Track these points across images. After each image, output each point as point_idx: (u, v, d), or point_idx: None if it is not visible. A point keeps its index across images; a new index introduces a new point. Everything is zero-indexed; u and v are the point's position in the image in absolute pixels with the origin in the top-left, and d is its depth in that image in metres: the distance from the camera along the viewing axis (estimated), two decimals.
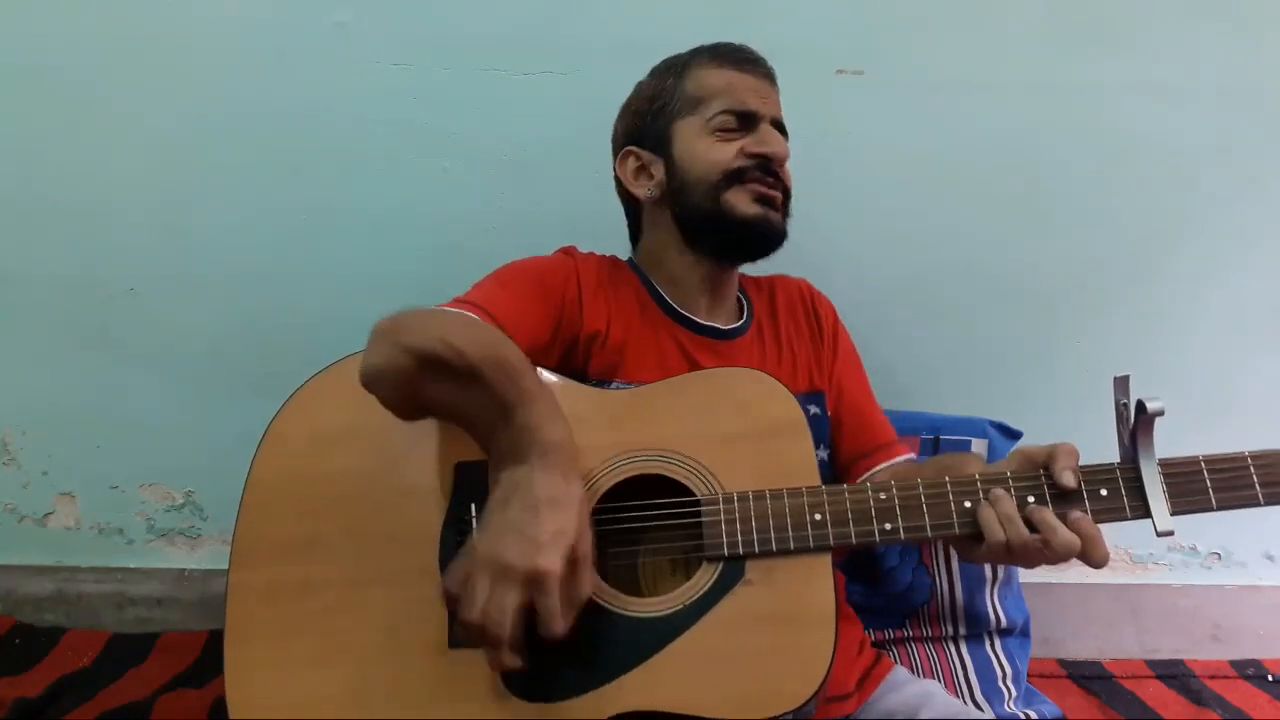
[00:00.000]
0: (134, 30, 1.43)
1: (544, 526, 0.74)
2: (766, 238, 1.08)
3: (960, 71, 1.48)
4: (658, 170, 1.11)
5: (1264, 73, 1.49)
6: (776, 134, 1.08)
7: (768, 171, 1.06)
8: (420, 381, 0.82)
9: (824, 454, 1.11)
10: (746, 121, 1.07)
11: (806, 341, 1.18)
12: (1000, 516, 0.84)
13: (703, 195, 1.06)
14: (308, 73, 1.45)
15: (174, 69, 1.44)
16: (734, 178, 1.05)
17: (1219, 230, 1.55)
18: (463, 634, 0.79)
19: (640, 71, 1.16)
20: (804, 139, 1.13)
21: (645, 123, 1.13)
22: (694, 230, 1.10)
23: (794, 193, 1.11)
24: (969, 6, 1.46)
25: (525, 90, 1.46)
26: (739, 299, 1.19)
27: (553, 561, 0.73)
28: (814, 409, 1.11)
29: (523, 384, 0.82)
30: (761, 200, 1.06)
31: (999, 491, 0.85)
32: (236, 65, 1.44)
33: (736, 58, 1.09)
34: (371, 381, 0.84)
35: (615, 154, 1.17)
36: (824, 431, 1.12)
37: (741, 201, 1.05)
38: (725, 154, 1.06)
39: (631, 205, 1.19)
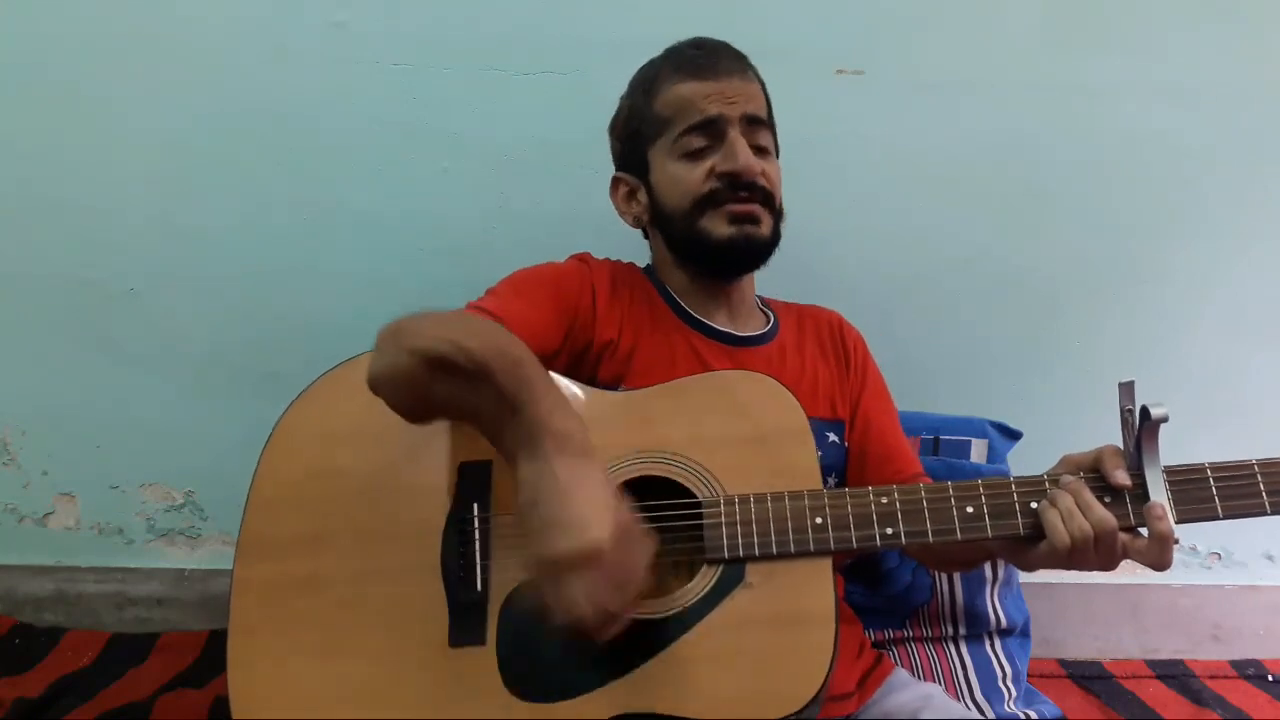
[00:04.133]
0: (133, 30, 1.42)
1: (578, 508, 0.73)
2: (748, 254, 1.07)
3: (960, 71, 1.48)
4: (642, 195, 1.12)
5: (1264, 73, 1.49)
6: (743, 145, 1.04)
7: (740, 187, 1.04)
8: (427, 383, 0.81)
9: (832, 483, 1.10)
10: (713, 132, 1.04)
11: (831, 368, 1.16)
12: (1062, 512, 0.83)
13: (680, 223, 1.07)
14: (307, 72, 1.45)
15: (173, 68, 1.44)
16: (706, 202, 1.04)
17: (1219, 230, 1.55)
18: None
19: None
20: (804, 139, 1.13)
21: (626, 147, 1.13)
22: (680, 253, 1.11)
23: (793, 192, 1.11)
24: (969, 6, 1.46)
25: (525, 90, 1.46)
26: (765, 314, 1.19)
27: (601, 534, 0.72)
28: (831, 436, 1.10)
29: (530, 379, 0.81)
30: (737, 219, 1.04)
31: (1065, 483, 0.85)
32: (236, 65, 1.44)
33: (696, 65, 1.06)
34: (379, 385, 0.84)
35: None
36: (838, 461, 1.11)
37: (717, 225, 1.04)
38: (694, 179, 1.04)
39: None
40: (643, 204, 1.13)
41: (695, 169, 1.05)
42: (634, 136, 1.11)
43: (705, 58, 1.06)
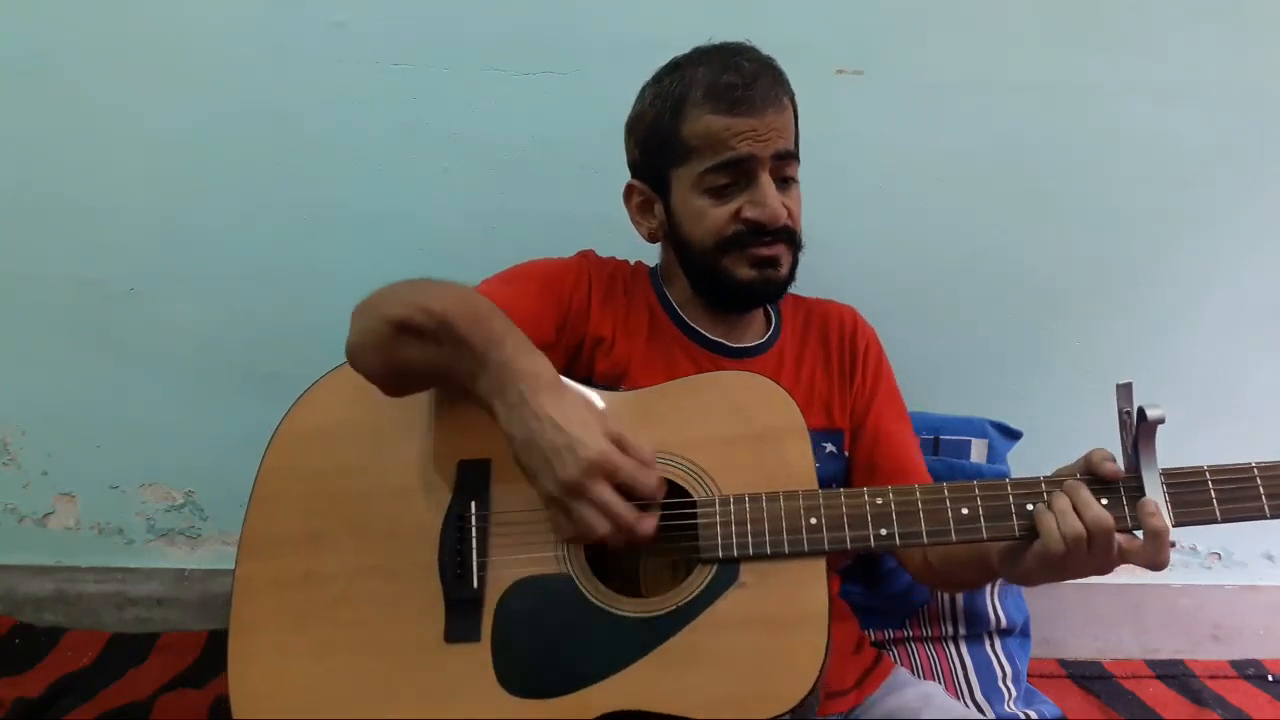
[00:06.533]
0: (133, 30, 1.42)
1: (568, 431, 0.78)
2: (764, 295, 1.08)
3: (960, 71, 1.47)
4: (659, 211, 1.10)
5: (1264, 73, 1.48)
6: (771, 191, 1.01)
7: (765, 233, 1.02)
8: (396, 346, 0.86)
9: None
10: (742, 171, 1.00)
11: (834, 376, 1.14)
12: (1056, 513, 0.82)
13: (700, 255, 1.05)
14: (307, 72, 1.45)
15: (173, 69, 1.44)
16: (730, 244, 1.02)
17: (1219, 230, 1.55)
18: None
19: (640, 71, 1.14)
20: (804, 139, 1.12)
21: (645, 159, 1.09)
22: (695, 283, 1.09)
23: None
24: (969, 6, 1.45)
25: (525, 90, 1.46)
26: (770, 316, 1.18)
27: (597, 445, 0.78)
28: (829, 447, 1.08)
29: (492, 327, 0.85)
30: (759, 263, 1.03)
31: (1064, 485, 0.83)
32: (235, 65, 1.44)
33: (732, 98, 0.98)
34: (354, 356, 0.88)
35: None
36: (836, 472, 1.09)
37: (739, 267, 1.03)
38: (719, 219, 1.02)
39: None
40: (659, 219, 1.10)
41: (721, 208, 1.02)
42: (655, 153, 1.06)
43: (742, 90, 0.99)
